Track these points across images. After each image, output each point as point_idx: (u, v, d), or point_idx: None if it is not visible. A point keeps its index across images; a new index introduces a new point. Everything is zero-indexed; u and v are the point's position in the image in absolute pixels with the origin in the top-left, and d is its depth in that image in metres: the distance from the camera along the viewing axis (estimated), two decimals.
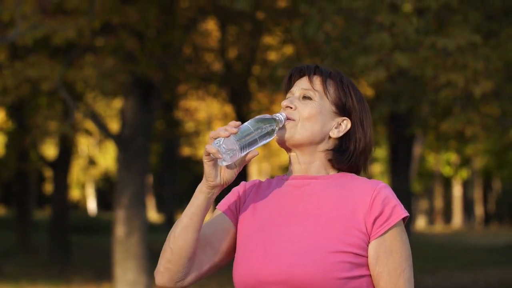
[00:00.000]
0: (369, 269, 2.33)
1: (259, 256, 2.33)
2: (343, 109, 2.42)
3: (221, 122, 23.98)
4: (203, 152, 2.31)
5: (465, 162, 36.67)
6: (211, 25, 18.12)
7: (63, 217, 18.24)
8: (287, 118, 2.39)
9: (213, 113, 25.04)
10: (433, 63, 8.80)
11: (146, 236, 12.16)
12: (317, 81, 2.43)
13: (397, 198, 2.35)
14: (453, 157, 36.00)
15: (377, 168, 37.92)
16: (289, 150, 2.42)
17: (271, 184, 2.46)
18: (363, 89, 13.11)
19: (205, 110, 25.40)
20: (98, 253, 19.43)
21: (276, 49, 16.60)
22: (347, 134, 2.41)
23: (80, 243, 21.35)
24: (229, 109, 20.10)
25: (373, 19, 8.99)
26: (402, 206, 2.34)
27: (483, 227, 38.83)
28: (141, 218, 12.19)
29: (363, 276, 2.32)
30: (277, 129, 2.37)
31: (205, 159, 2.32)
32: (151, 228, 14.08)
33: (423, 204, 42.75)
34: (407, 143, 16.66)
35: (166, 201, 29.66)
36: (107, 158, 33.99)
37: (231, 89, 18.11)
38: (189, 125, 26.65)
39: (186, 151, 32.12)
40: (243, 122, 2.36)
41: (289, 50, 15.19)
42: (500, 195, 42.23)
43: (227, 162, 2.30)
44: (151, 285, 12.17)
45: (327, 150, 2.41)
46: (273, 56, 17.21)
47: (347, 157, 2.40)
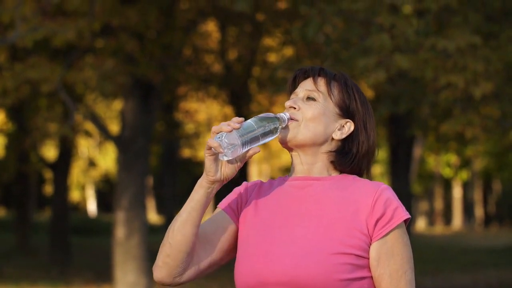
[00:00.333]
0: (370, 271, 2.32)
1: (261, 256, 2.33)
2: (346, 111, 2.42)
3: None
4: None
5: (465, 163, 36.67)
6: (211, 27, 18.13)
7: (63, 218, 18.24)
8: (291, 118, 2.38)
9: (213, 114, 25.02)
10: (433, 64, 8.80)
11: (146, 237, 12.16)
12: (322, 82, 2.43)
13: (398, 200, 2.35)
14: (453, 159, 36.00)
15: (377, 169, 37.90)
16: (292, 150, 2.41)
17: (273, 184, 2.46)
18: (363, 91, 13.09)
19: (205, 111, 25.40)
20: (98, 255, 19.42)
21: (276, 50, 16.61)
22: (350, 136, 2.41)
23: (80, 244, 21.33)
24: (229, 110, 20.09)
25: (373, 20, 8.98)
26: (403, 208, 2.34)
27: (483, 229, 38.81)
28: (141, 219, 12.19)
29: (364, 277, 2.31)
30: (280, 128, 2.36)
31: (206, 153, 2.31)
32: (151, 229, 14.07)
33: (423, 205, 42.74)
34: (407, 144, 16.68)
35: (166, 202, 29.66)
36: (107, 159, 33.97)
37: (231, 90, 18.12)
38: (189, 127, 26.64)
39: (186, 152, 32.12)
40: None
41: (289, 51, 15.19)
42: (500, 196, 42.21)
43: (228, 157, 2.29)
44: (151, 287, 12.16)
45: (330, 151, 2.40)
46: (273, 57, 17.21)
47: (349, 160, 2.40)
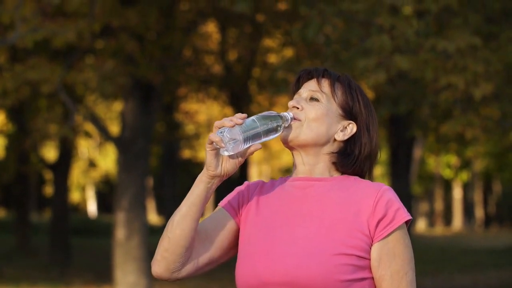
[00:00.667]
0: (371, 272, 2.33)
1: (262, 256, 2.33)
2: (349, 113, 2.42)
3: None
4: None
5: (465, 164, 36.67)
6: (211, 28, 18.13)
7: (63, 219, 18.24)
8: (293, 118, 2.39)
9: (213, 115, 25.04)
10: (433, 65, 8.80)
11: (146, 238, 12.16)
12: (325, 83, 2.44)
13: (400, 201, 2.35)
14: (453, 160, 36.00)
15: (378, 170, 37.91)
16: (294, 150, 2.42)
17: (274, 184, 2.46)
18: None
19: (205, 112, 25.42)
20: (98, 256, 19.42)
21: (276, 51, 16.61)
22: (353, 138, 2.41)
23: (80, 245, 21.33)
24: (229, 111, 20.10)
25: (373, 21, 8.98)
26: (405, 209, 2.34)
27: (483, 229, 38.82)
28: (141, 220, 12.19)
29: (365, 278, 2.32)
30: (282, 127, 2.36)
31: (207, 147, 2.31)
32: (151, 230, 14.06)
33: (423, 206, 42.74)
34: (407, 145, 16.69)
35: (166, 203, 29.63)
36: (107, 160, 33.97)
37: (231, 91, 18.13)
38: (189, 128, 26.64)
39: (186, 153, 32.12)
40: None
41: (289, 52, 15.20)
42: (500, 197, 42.21)
43: (229, 152, 2.29)
44: None
45: (332, 152, 2.41)
46: (273, 58, 17.22)
47: (351, 161, 2.40)
